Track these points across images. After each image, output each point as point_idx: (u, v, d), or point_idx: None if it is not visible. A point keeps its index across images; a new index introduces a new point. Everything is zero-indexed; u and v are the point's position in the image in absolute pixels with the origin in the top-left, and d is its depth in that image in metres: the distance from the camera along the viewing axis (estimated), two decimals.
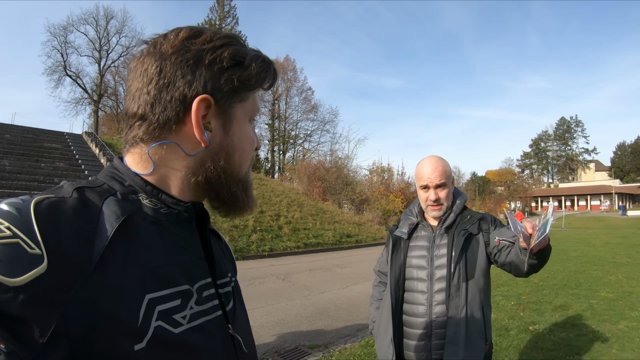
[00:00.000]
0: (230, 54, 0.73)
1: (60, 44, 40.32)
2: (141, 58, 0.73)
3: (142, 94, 0.71)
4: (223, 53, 0.72)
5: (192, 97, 0.70)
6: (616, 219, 42.35)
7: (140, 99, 0.71)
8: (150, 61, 0.71)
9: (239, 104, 0.77)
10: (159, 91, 0.70)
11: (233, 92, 0.75)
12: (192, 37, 0.73)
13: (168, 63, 0.70)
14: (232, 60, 0.73)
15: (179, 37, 0.72)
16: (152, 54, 0.72)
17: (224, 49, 0.73)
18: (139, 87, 0.72)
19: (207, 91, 0.71)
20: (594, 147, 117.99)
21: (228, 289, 0.85)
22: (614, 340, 5.35)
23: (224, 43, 0.74)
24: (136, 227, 0.66)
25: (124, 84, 28.29)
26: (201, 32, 0.74)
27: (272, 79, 0.81)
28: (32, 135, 23.78)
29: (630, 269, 11.14)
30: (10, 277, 0.50)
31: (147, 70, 0.71)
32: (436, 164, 2.21)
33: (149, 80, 0.70)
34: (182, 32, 0.73)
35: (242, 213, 0.82)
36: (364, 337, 5.68)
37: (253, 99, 0.81)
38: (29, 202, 0.58)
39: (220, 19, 49.77)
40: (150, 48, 0.73)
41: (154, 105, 0.70)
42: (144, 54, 0.73)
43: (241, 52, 0.75)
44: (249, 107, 0.80)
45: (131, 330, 0.58)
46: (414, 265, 2.21)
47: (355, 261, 14.22)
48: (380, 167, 36.29)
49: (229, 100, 0.75)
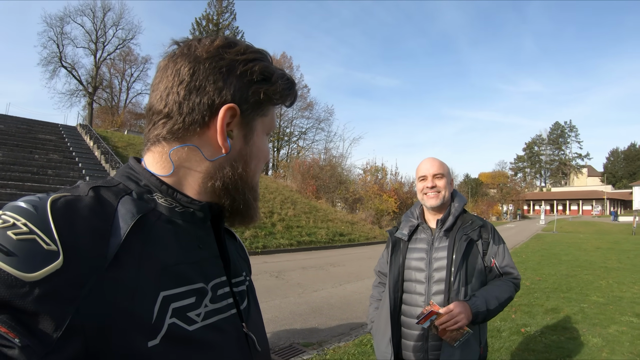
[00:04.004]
0: (260, 69, 0.75)
1: (56, 35, 40.15)
2: (174, 58, 0.74)
3: (172, 93, 0.72)
4: (254, 67, 0.75)
5: (220, 103, 0.72)
6: (608, 224, 42.75)
7: (169, 98, 0.72)
8: (184, 62, 0.72)
9: (260, 118, 0.79)
10: (188, 92, 0.71)
11: (257, 106, 0.77)
12: (227, 47, 0.75)
13: (201, 67, 0.72)
14: (261, 75, 0.76)
15: (214, 45, 0.74)
16: (186, 55, 0.73)
17: (255, 63, 0.75)
18: (168, 86, 0.72)
19: (235, 100, 0.73)
20: (587, 152, 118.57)
21: (242, 288, 0.86)
22: (604, 343, 5.41)
23: (256, 57, 0.76)
24: (151, 226, 0.67)
25: (119, 76, 27.28)
26: (235, 44, 0.76)
27: (293, 97, 0.84)
28: (27, 126, 23.62)
29: (621, 274, 11.27)
30: (27, 272, 0.51)
31: (180, 71, 0.72)
32: (435, 160, 2.33)
33: (180, 80, 0.72)
34: (218, 40, 0.75)
35: (252, 221, 0.83)
36: (358, 336, 5.71)
37: (272, 115, 0.83)
38: (45, 200, 0.59)
39: (218, 14, 49.67)
40: (184, 49, 0.75)
41: (181, 106, 0.71)
42: (177, 54, 0.75)
43: (270, 68, 0.77)
44: (268, 122, 0.82)
45: (145, 327, 0.59)
46: (412, 267, 2.23)
47: (348, 260, 14.25)
48: (374, 166, 36.33)
49: (252, 112, 0.77)
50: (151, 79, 0.80)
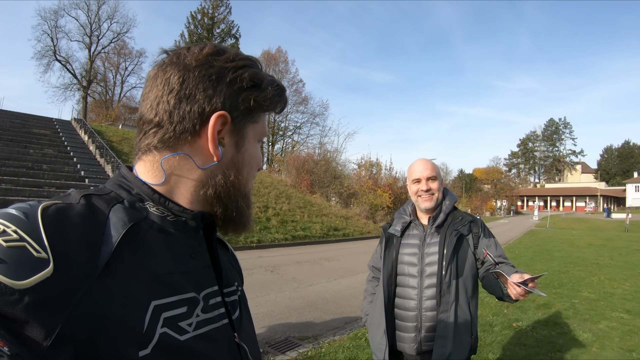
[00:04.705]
0: (250, 76, 0.75)
1: (50, 28, 39.84)
2: (163, 66, 0.74)
3: (162, 102, 0.72)
4: (244, 74, 0.75)
5: (210, 111, 0.72)
6: (601, 221, 43.07)
7: (159, 107, 0.72)
8: (173, 71, 0.72)
9: (251, 125, 0.79)
10: (178, 101, 0.71)
11: (248, 113, 0.77)
12: (216, 54, 0.75)
13: (191, 75, 0.72)
14: (251, 82, 0.76)
15: (203, 52, 0.74)
16: (175, 64, 0.73)
17: (244, 70, 0.75)
18: (158, 95, 0.72)
19: (226, 108, 0.73)
20: (582, 149, 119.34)
21: (234, 298, 0.85)
22: (594, 339, 5.49)
23: (245, 64, 0.76)
24: (143, 234, 0.67)
25: (113, 70, 26.99)
26: (224, 51, 0.76)
27: (283, 104, 0.84)
28: (21, 120, 23.47)
29: (613, 270, 11.38)
30: (16, 280, 0.50)
31: (169, 80, 0.72)
32: (427, 162, 2.38)
33: (170, 89, 0.72)
34: (207, 48, 0.75)
35: (245, 230, 0.83)
36: (353, 330, 5.76)
37: (263, 122, 0.83)
38: (36, 207, 0.58)
39: (214, 7, 49.30)
40: (172, 58, 0.75)
41: (172, 115, 0.71)
42: (166, 63, 0.75)
43: (260, 75, 0.78)
44: (259, 129, 0.82)
45: (136, 336, 0.59)
46: (405, 262, 2.29)
47: (343, 255, 14.32)
48: (369, 161, 36.36)
49: (243, 119, 0.77)
50: (145, 72, 0.79)
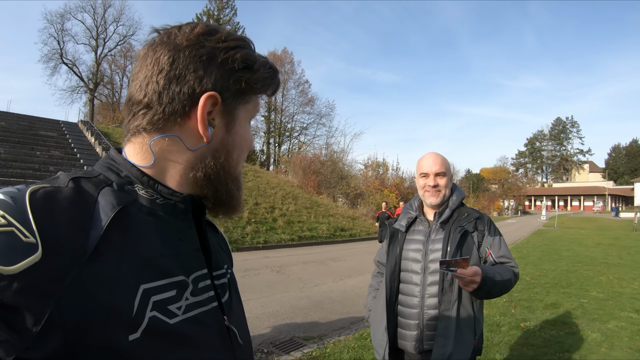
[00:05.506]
0: (242, 57, 0.74)
1: (57, 32, 39.82)
2: (153, 46, 0.72)
3: (151, 82, 0.70)
4: (235, 55, 0.73)
5: (200, 92, 0.70)
6: (609, 220, 42.73)
7: (148, 87, 0.70)
8: (163, 51, 0.71)
9: (243, 105, 0.78)
10: (168, 82, 0.69)
11: (239, 94, 0.76)
12: (208, 34, 0.73)
13: (181, 55, 0.70)
14: (242, 63, 0.74)
15: (194, 32, 0.72)
16: (166, 43, 0.71)
17: (236, 51, 0.73)
18: (147, 75, 0.71)
19: (216, 89, 0.71)
20: (589, 148, 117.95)
21: (224, 281, 0.85)
22: (603, 338, 5.42)
23: (237, 45, 0.75)
24: (132, 218, 0.66)
25: (120, 72, 27.14)
26: (216, 31, 0.75)
27: (275, 86, 0.83)
28: (28, 123, 23.59)
29: (622, 270, 11.27)
30: (4, 266, 0.50)
31: (159, 60, 0.70)
32: (437, 157, 2.32)
33: (159, 69, 0.70)
34: (198, 28, 0.73)
35: (236, 212, 0.82)
36: (358, 330, 5.73)
37: (255, 103, 0.82)
38: (24, 192, 0.57)
39: (219, 9, 49.44)
40: (163, 37, 0.73)
41: (161, 95, 0.70)
42: (157, 42, 0.73)
43: (252, 56, 0.76)
44: (251, 109, 0.81)
45: (126, 321, 0.58)
46: (409, 258, 2.26)
47: (349, 255, 14.27)
48: (376, 161, 36.42)
49: (234, 100, 0.75)
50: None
